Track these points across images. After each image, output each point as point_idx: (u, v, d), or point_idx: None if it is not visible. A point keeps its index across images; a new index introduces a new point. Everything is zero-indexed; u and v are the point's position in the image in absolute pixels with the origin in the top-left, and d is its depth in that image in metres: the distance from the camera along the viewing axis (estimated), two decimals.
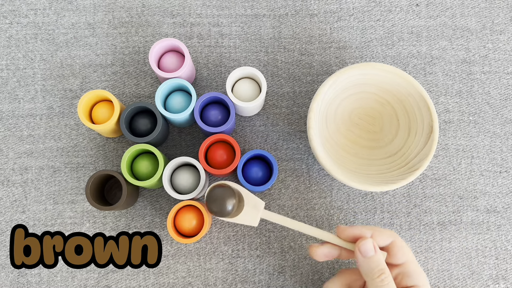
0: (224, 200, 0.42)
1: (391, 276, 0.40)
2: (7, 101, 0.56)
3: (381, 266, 0.40)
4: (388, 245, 0.42)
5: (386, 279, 0.39)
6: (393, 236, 0.42)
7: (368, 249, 0.40)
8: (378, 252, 0.40)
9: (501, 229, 0.55)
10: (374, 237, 0.42)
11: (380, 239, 0.42)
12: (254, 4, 0.58)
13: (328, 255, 0.43)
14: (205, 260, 0.54)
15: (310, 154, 0.56)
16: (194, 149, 0.56)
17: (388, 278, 0.39)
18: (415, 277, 0.41)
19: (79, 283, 0.53)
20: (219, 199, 0.42)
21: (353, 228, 0.42)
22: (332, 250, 0.43)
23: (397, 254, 0.42)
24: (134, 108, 0.50)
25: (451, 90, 0.57)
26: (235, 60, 0.57)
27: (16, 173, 0.55)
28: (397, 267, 0.42)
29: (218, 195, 0.42)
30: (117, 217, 0.54)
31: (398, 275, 0.42)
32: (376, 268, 0.40)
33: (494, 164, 0.56)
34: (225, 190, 0.42)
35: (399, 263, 0.42)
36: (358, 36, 0.58)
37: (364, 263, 0.40)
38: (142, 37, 0.57)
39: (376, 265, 0.40)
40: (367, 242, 0.40)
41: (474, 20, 0.59)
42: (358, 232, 0.42)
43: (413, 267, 0.42)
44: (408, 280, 0.41)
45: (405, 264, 0.42)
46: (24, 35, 0.57)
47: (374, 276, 0.39)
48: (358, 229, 0.42)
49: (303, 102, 0.57)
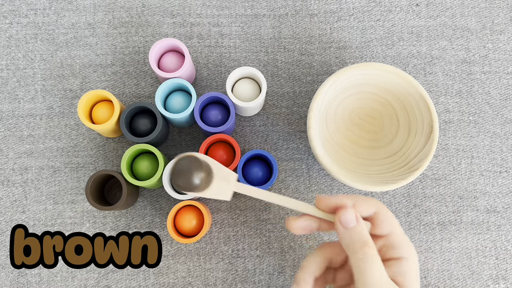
0: (191, 173, 0.36)
1: (375, 249, 0.36)
2: (7, 101, 0.56)
3: (364, 237, 0.36)
4: (372, 215, 0.38)
5: (369, 251, 0.35)
6: (377, 205, 0.38)
7: (349, 219, 0.36)
8: (360, 222, 0.37)
9: (501, 229, 0.55)
10: (356, 206, 0.38)
11: (363, 209, 0.38)
12: (254, 4, 0.58)
13: (306, 228, 0.39)
14: (205, 260, 0.54)
15: (310, 154, 0.56)
16: (194, 149, 0.56)
17: (372, 251, 0.35)
18: (401, 249, 0.38)
19: (79, 283, 0.53)
20: (185, 172, 0.36)
21: (333, 198, 0.38)
22: (311, 222, 0.39)
23: (381, 224, 0.38)
24: (134, 108, 0.50)
25: (451, 90, 0.57)
26: (235, 60, 0.57)
27: (16, 173, 0.55)
28: (382, 238, 0.38)
29: (183, 167, 0.36)
30: (117, 217, 0.54)
31: (383, 246, 0.38)
32: (358, 240, 0.36)
33: (494, 164, 0.56)
34: (191, 161, 0.36)
35: (384, 234, 0.38)
36: (358, 36, 0.58)
37: (345, 234, 0.36)
38: (142, 37, 0.57)
39: (359, 237, 0.36)
40: (348, 212, 0.36)
41: (474, 20, 0.59)
42: (339, 202, 0.37)
43: (399, 238, 0.38)
44: (393, 251, 0.38)
45: (391, 234, 0.38)
46: (24, 35, 0.57)
47: (356, 249, 0.35)
48: (339, 198, 0.38)
49: (303, 102, 0.57)
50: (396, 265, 0.37)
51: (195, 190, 0.37)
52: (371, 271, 0.35)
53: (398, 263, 0.37)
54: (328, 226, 0.39)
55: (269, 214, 0.55)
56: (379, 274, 0.35)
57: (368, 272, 0.35)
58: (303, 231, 0.39)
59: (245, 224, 0.54)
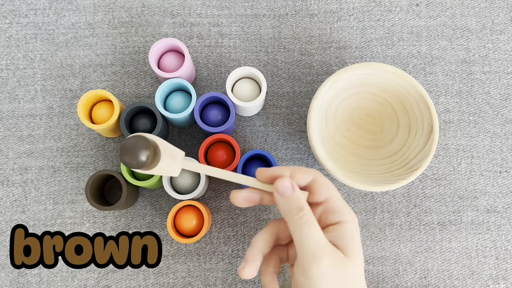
0: (138, 150, 0.39)
1: (311, 213, 0.37)
2: (7, 101, 0.56)
3: (299, 203, 0.37)
4: (310, 183, 0.40)
5: (305, 216, 0.37)
6: (313, 174, 0.40)
7: (285, 187, 0.38)
8: (296, 190, 0.38)
9: (501, 229, 0.55)
10: (293, 176, 0.39)
11: (300, 178, 0.39)
12: (254, 4, 0.58)
13: (248, 200, 0.41)
14: (205, 260, 0.54)
15: (310, 154, 0.56)
16: (194, 149, 0.56)
17: (307, 215, 0.37)
18: (339, 213, 0.39)
19: (79, 283, 0.53)
20: (132, 149, 0.39)
21: (272, 169, 0.40)
22: (253, 194, 0.40)
23: (319, 191, 0.39)
24: (134, 108, 0.50)
25: (451, 90, 0.57)
26: (235, 60, 0.57)
27: (16, 173, 0.55)
28: (321, 205, 0.40)
29: (130, 145, 0.39)
30: (117, 217, 0.54)
31: (323, 213, 0.40)
32: (294, 206, 0.37)
33: (494, 164, 0.56)
34: (138, 140, 0.39)
35: (322, 200, 0.39)
36: (358, 36, 0.58)
37: (283, 202, 0.38)
38: (142, 37, 0.57)
39: (294, 203, 0.37)
40: (284, 181, 0.38)
41: (474, 20, 0.59)
42: (277, 173, 0.39)
43: (337, 202, 0.39)
44: (332, 216, 0.39)
45: (328, 200, 0.39)
46: (24, 35, 0.57)
47: (292, 215, 0.37)
48: (277, 169, 0.39)
49: (303, 102, 0.57)
50: (335, 229, 0.38)
51: (142, 167, 0.39)
52: (308, 234, 0.37)
53: (337, 227, 0.38)
54: (270, 198, 0.41)
55: (269, 214, 0.55)
56: (317, 236, 0.37)
57: (305, 235, 0.37)
58: (246, 203, 0.41)
59: (245, 224, 0.54)
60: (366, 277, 0.54)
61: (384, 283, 0.54)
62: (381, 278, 0.54)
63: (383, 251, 0.54)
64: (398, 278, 0.54)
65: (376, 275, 0.54)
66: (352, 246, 0.38)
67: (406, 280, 0.54)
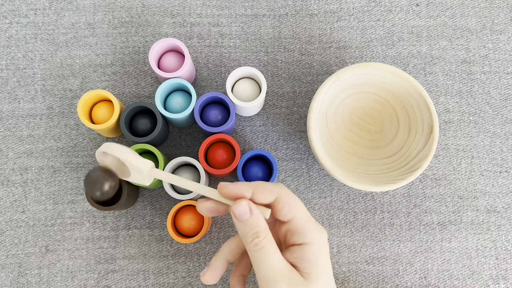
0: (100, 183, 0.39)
1: (269, 238, 0.36)
2: (7, 101, 0.56)
3: (255, 229, 0.36)
4: (272, 202, 0.38)
5: (260, 243, 0.36)
6: (277, 192, 0.38)
7: (242, 212, 0.37)
8: (254, 214, 0.37)
9: (501, 229, 0.55)
10: (255, 195, 0.38)
11: (262, 197, 0.38)
12: (254, 4, 0.58)
13: (213, 211, 0.40)
14: (205, 260, 0.54)
15: (310, 154, 0.56)
16: (194, 149, 0.56)
17: (263, 242, 0.36)
18: (303, 234, 0.38)
19: (79, 283, 0.53)
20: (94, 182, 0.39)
21: (233, 186, 0.38)
22: (218, 205, 0.40)
23: (281, 211, 0.38)
24: (134, 108, 0.50)
25: (451, 90, 0.57)
26: (235, 60, 0.57)
27: (16, 173, 0.55)
28: (286, 224, 0.39)
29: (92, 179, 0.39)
30: (117, 217, 0.54)
31: (288, 232, 0.39)
32: (250, 232, 0.36)
33: (494, 164, 0.56)
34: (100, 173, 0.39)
35: (286, 220, 0.38)
36: (358, 36, 0.58)
37: (240, 226, 0.37)
38: (142, 37, 0.57)
39: (250, 228, 0.36)
40: (241, 205, 0.37)
41: (474, 20, 0.59)
42: (238, 192, 0.38)
43: (301, 223, 0.38)
44: (296, 237, 0.38)
45: (291, 221, 0.38)
46: (24, 35, 0.57)
47: (248, 241, 0.36)
48: (238, 187, 0.38)
49: (303, 102, 0.57)
50: (298, 251, 0.38)
51: (107, 197, 0.40)
52: (262, 261, 0.36)
53: (300, 248, 0.38)
54: None
55: None
56: (272, 262, 0.36)
57: (259, 262, 0.36)
58: (211, 213, 0.40)
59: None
60: (366, 277, 0.54)
61: (384, 283, 0.54)
62: (381, 278, 0.54)
63: (383, 251, 0.54)
64: (398, 278, 0.54)
65: (376, 275, 0.54)
66: (315, 269, 0.37)
67: (406, 280, 0.54)
